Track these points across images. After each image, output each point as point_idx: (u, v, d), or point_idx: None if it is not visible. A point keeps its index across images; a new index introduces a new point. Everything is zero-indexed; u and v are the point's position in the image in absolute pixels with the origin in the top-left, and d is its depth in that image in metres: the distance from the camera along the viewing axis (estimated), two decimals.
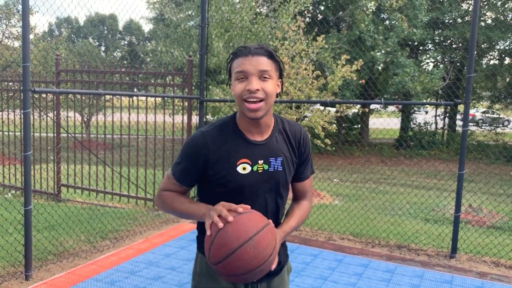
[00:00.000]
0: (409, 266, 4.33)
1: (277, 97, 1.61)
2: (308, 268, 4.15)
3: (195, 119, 5.84)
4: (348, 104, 9.00)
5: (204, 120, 5.82)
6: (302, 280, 3.87)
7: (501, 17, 17.02)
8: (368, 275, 4.05)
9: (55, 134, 6.52)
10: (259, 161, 1.58)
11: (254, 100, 1.49)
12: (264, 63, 1.51)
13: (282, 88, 1.64)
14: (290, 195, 1.82)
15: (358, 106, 16.74)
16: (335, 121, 15.48)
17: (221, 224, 1.39)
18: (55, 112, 6.41)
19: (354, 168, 12.78)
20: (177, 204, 1.61)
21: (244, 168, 1.56)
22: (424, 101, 13.93)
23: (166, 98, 6.13)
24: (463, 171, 4.49)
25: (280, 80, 1.61)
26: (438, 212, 6.58)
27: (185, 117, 5.87)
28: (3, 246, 4.08)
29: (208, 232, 1.42)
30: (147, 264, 4.13)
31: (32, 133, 6.79)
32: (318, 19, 17.05)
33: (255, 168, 1.58)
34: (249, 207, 1.48)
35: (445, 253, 4.65)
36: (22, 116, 3.55)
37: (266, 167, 1.60)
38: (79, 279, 3.72)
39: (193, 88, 6.11)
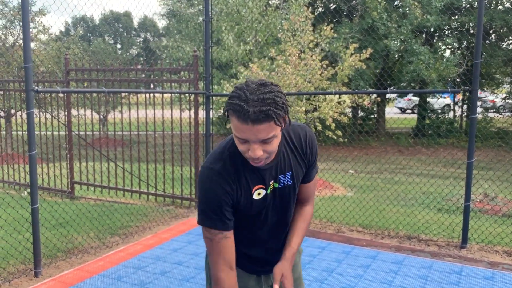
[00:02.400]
0: (418, 257, 4.27)
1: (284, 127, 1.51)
2: (314, 260, 4.13)
3: (201, 113, 5.85)
4: (360, 94, 8.89)
5: (211, 115, 5.83)
6: (307, 273, 3.86)
7: None
8: (375, 266, 4.01)
9: (67, 132, 6.61)
10: (270, 182, 1.58)
11: (258, 161, 1.45)
12: (266, 130, 1.36)
13: (289, 120, 1.53)
14: None
15: (374, 95, 16.53)
16: (350, 112, 15.37)
17: None
18: (65, 110, 6.50)
19: (370, 158, 12.65)
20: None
21: (259, 194, 1.57)
22: (433, 89, 13.66)
23: (174, 94, 6.15)
24: (472, 160, 4.40)
25: (285, 119, 1.48)
26: (452, 201, 6.47)
27: (192, 112, 5.88)
28: (12, 244, 4.17)
29: None
30: (154, 259, 4.17)
31: (45, 132, 6.94)
32: (331, 8, 16.88)
33: (268, 191, 1.59)
34: None
35: (456, 243, 4.58)
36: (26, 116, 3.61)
37: (276, 185, 1.60)
38: (87, 275, 3.78)
39: (200, 82, 6.13)
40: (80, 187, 6.88)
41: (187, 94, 6.28)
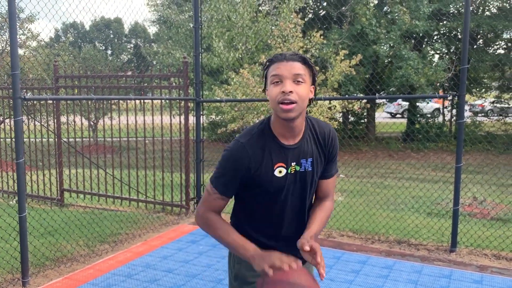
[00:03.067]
0: (408, 261, 4.29)
1: (310, 102, 1.69)
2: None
3: (192, 119, 5.84)
4: (350, 100, 8.94)
5: (202, 121, 5.83)
6: None
7: (507, 5, 16.79)
8: (365, 271, 4.02)
9: (56, 140, 6.57)
10: (292, 163, 1.68)
11: (288, 101, 1.56)
12: (298, 67, 1.58)
13: (315, 94, 1.71)
14: None
15: (364, 100, 16.63)
16: (340, 117, 15.43)
17: (287, 267, 1.48)
18: (54, 117, 6.46)
19: (360, 163, 12.71)
20: (222, 233, 1.67)
21: (280, 172, 1.66)
22: (422, 94, 13.79)
23: (164, 100, 6.14)
24: (461, 164, 4.44)
25: (313, 86, 1.68)
26: (442, 205, 6.51)
27: (183, 118, 5.87)
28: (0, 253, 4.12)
29: (270, 273, 1.49)
30: (144, 267, 4.14)
31: (34, 139, 6.89)
32: (321, 15, 16.99)
33: (289, 171, 1.68)
34: (300, 264, 1.52)
35: (445, 247, 4.61)
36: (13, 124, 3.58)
37: (298, 168, 1.69)
38: (75, 284, 3.74)
39: (191, 88, 6.12)
40: (69, 195, 6.82)
41: (177, 100, 6.27)
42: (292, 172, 1.69)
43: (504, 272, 4.02)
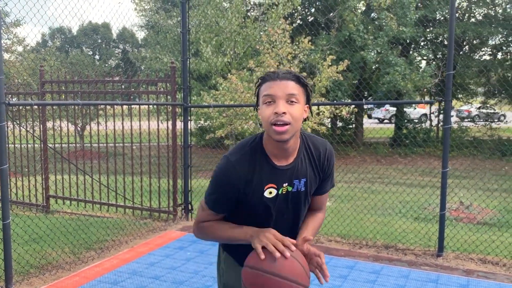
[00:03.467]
0: (395, 266, 4.30)
1: (304, 121, 1.65)
2: None
3: (180, 125, 5.82)
4: (337, 105, 8.99)
5: (190, 127, 5.81)
6: None
7: (491, 12, 17.06)
8: (353, 277, 4.03)
9: (41, 145, 6.49)
10: (284, 184, 1.64)
11: (281, 123, 1.51)
12: (292, 86, 1.53)
13: (310, 112, 1.67)
14: None
15: (353, 106, 16.74)
16: (327, 122, 15.50)
17: (278, 254, 1.48)
18: (40, 123, 6.38)
19: (349, 168, 12.75)
20: (219, 232, 1.67)
21: (270, 192, 1.63)
22: (408, 99, 13.93)
23: (152, 106, 6.11)
24: (447, 169, 4.48)
25: (307, 105, 1.63)
26: (429, 210, 6.56)
27: (170, 123, 5.85)
28: None
29: (262, 256, 1.49)
30: (130, 274, 4.10)
31: (19, 145, 6.80)
32: (309, 21, 17.08)
33: (280, 191, 1.64)
34: (294, 242, 1.56)
35: (432, 251, 4.63)
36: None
37: (290, 188, 1.66)
38: None
39: (179, 93, 6.10)
40: (55, 201, 6.74)
41: (165, 106, 6.24)
42: (284, 192, 1.66)
43: (489, 276, 4.05)
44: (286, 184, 1.65)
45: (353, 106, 16.71)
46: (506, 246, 4.62)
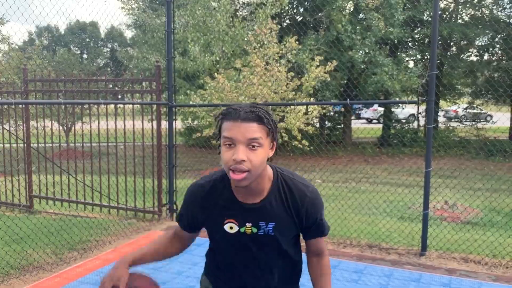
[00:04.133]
0: (378, 265, 4.32)
1: (269, 160, 1.54)
2: None
3: (165, 124, 5.78)
4: (325, 105, 9.02)
5: (175, 126, 5.78)
6: None
7: (478, 13, 17.24)
8: (336, 276, 4.03)
9: (25, 145, 6.41)
10: (247, 224, 1.56)
11: (239, 170, 1.41)
12: (253, 130, 1.41)
13: (276, 150, 1.55)
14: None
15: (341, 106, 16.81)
16: (315, 122, 15.57)
17: None
18: (23, 123, 6.31)
19: (337, 168, 12.78)
20: (152, 243, 1.76)
21: (231, 228, 1.57)
22: (393, 99, 14.05)
23: (137, 105, 6.06)
24: (430, 168, 4.50)
25: (273, 143, 1.52)
26: (413, 210, 6.60)
27: (155, 123, 5.81)
28: None
29: None
30: None
31: (2, 144, 6.71)
32: (298, 20, 17.11)
33: (242, 230, 1.57)
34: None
35: (416, 251, 4.66)
36: None
37: (255, 230, 1.57)
38: None
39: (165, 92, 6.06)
40: (39, 201, 6.66)
41: (150, 105, 6.20)
42: (248, 233, 1.57)
43: (471, 275, 4.08)
44: (250, 224, 1.56)
45: (341, 106, 16.78)
46: (488, 245, 4.66)
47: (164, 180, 5.89)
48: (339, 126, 18.55)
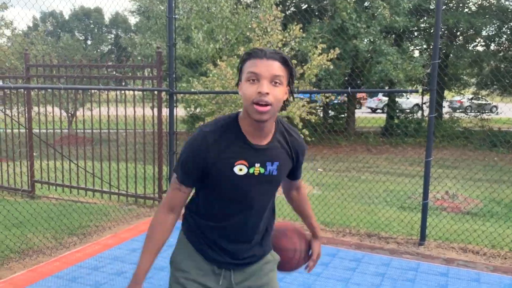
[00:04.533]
0: (377, 254, 4.32)
1: (284, 104, 1.64)
2: None
3: (166, 111, 5.77)
4: (327, 94, 8.97)
5: (176, 113, 5.77)
6: None
7: (485, 2, 17.02)
8: (334, 264, 4.04)
9: (26, 131, 6.43)
10: (256, 164, 1.62)
11: (263, 103, 1.50)
12: (277, 68, 1.52)
13: (291, 95, 1.64)
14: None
15: (344, 95, 16.72)
16: (317, 111, 15.50)
17: None
18: (25, 108, 6.32)
19: (339, 157, 12.77)
20: (148, 236, 1.65)
21: (240, 169, 1.60)
22: (397, 88, 13.92)
23: (138, 92, 6.05)
24: (430, 158, 4.48)
25: (288, 87, 1.61)
26: (413, 199, 6.59)
27: (156, 110, 5.80)
28: None
29: None
30: (112, 259, 4.09)
31: (4, 129, 6.73)
32: (302, 8, 16.96)
33: (251, 171, 1.62)
34: None
35: (415, 240, 4.66)
36: None
37: (262, 170, 1.63)
38: (40, 277, 3.67)
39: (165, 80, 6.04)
40: (41, 186, 6.69)
41: (151, 91, 6.19)
42: (256, 174, 1.63)
43: (469, 265, 4.08)
44: (258, 165, 1.63)
45: (345, 95, 16.69)
46: (487, 236, 4.65)
47: (165, 167, 5.90)
48: (342, 116, 18.49)
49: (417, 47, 17.47)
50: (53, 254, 4.20)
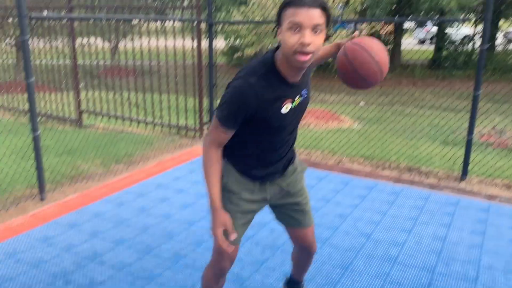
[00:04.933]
0: (416, 188, 4.30)
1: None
2: (311, 190, 4.20)
3: (205, 43, 5.72)
4: (374, 24, 8.57)
5: (215, 45, 5.71)
6: None
7: None
8: (372, 197, 4.07)
9: (73, 61, 6.58)
10: (296, 98, 1.76)
11: (305, 52, 1.55)
12: (318, 16, 1.54)
13: (327, 37, 1.69)
14: None
15: (391, 25, 15.93)
16: None
17: (229, 251, 1.76)
18: (70, 39, 6.42)
19: (383, 90, 12.41)
20: (209, 172, 1.77)
21: (286, 108, 1.73)
22: (444, 17, 13.06)
23: (177, 23, 5.98)
24: (479, 92, 4.29)
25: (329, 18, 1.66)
26: (458, 134, 6.41)
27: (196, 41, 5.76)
28: (17, 170, 4.30)
29: (228, 250, 1.76)
30: (156, 186, 4.28)
31: (50, 60, 6.93)
32: None
33: (293, 105, 1.75)
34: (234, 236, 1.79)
35: (456, 175, 4.59)
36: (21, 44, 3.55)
37: (300, 99, 1.78)
38: (90, 200, 3.92)
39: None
40: (88, 116, 6.96)
41: (190, 22, 6.11)
42: (296, 104, 1.77)
43: None
44: (298, 96, 1.76)
45: (392, 25, 15.90)
46: None
47: (205, 99, 5.95)
48: (388, 47, 17.74)
49: None
50: (101, 180, 4.44)
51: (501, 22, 18.02)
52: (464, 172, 4.48)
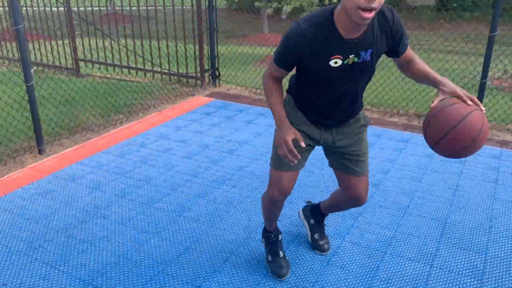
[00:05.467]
0: None
1: None
2: None
3: None
4: None
5: None
6: None
7: None
8: (380, 144, 3.95)
9: (65, 9, 6.27)
10: (350, 56, 1.72)
11: (370, 9, 1.54)
12: None
13: None
14: None
15: None
16: None
17: (294, 162, 1.78)
18: None
19: None
20: (270, 96, 1.88)
21: (336, 62, 1.72)
22: None
23: None
24: (495, 33, 4.05)
25: None
26: (469, 79, 6.19)
27: None
28: (12, 122, 4.16)
29: (280, 152, 1.80)
30: (157, 136, 4.16)
31: (43, 7, 6.61)
32: None
33: (345, 62, 1.73)
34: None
35: None
36: None
37: (356, 59, 1.74)
38: (90, 152, 3.81)
39: None
40: (85, 65, 6.73)
41: None
42: (350, 63, 1.74)
43: None
44: (353, 55, 1.72)
45: None
46: None
47: (205, 45, 5.70)
48: None
49: None
50: (101, 131, 4.32)
51: None
52: None
